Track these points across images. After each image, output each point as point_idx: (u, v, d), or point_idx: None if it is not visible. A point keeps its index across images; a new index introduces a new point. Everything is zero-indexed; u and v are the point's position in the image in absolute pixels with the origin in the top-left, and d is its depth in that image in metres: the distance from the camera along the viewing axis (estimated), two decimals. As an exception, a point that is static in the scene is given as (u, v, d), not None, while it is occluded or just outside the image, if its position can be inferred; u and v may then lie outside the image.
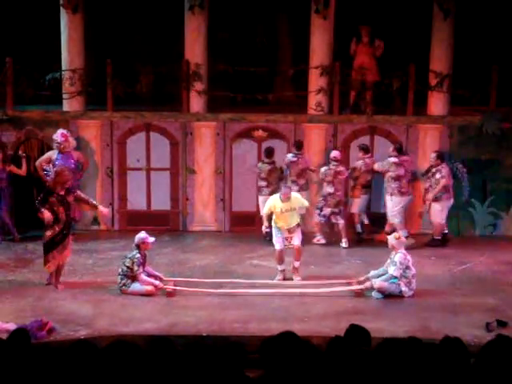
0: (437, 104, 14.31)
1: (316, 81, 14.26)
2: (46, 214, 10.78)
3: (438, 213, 13.38)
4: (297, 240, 11.43)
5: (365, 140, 14.24)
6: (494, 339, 5.08)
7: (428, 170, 13.50)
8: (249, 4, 15.63)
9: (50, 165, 13.20)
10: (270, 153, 13.67)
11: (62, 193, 10.95)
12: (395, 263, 10.73)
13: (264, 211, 11.71)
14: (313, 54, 14.32)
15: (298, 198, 11.64)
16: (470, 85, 14.09)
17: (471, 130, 14.22)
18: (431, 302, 10.60)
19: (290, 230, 11.41)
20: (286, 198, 11.29)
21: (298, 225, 11.55)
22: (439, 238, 13.48)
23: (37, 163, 13.43)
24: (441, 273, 12.07)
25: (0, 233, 13.51)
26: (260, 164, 13.73)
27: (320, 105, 14.31)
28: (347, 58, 14.38)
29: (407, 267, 10.74)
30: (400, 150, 13.47)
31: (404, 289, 10.72)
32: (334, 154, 13.58)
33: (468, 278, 11.83)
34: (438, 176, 13.26)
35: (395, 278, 10.70)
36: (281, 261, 11.48)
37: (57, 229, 10.86)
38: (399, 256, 10.74)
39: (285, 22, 16.19)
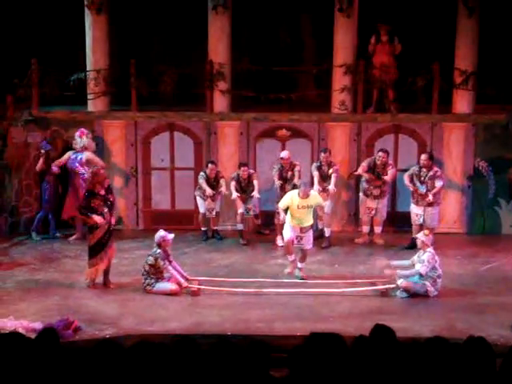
0: (462, 102, 14.21)
1: (340, 79, 14.22)
2: (96, 218, 10.76)
3: (435, 216, 13.20)
4: (308, 244, 11.51)
5: (389, 138, 14.22)
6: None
7: (418, 174, 13.02)
8: (272, 3, 15.62)
9: (85, 167, 13.29)
10: None
11: (103, 193, 10.95)
12: (423, 261, 10.68)
13: (281, 205, 11.70)
14: (336, 52, 14.28)
15: (316, 197, 11.68)
16: (495, 83, 14.01)
17: (497, 128, 14.11)
18: (457, 301, 10.55)
19: (302, 229, 11.41)
20: (305, 195, 11.31)
21: (311, 226, 11.58)
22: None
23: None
24: (466, 272, 12.00)
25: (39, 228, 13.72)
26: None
27: (344, 103, 14.27)
28: (368, 57, 14.33)
29: (434, 267, 10.69)
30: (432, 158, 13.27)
31: (429, 288, 10.67)
32: (283, 154, 13.51)
33: (494, 277, 11.74)
34: (436, 183, 12.89)
35: (421, 275, 10.66)
36: (290, 251, 11.52)
37: (103, 230, 10.90)
38: (427, 255, 10.69)
39: (308, 21, 16.16)
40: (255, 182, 13.56)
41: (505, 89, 14.16)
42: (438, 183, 12.95)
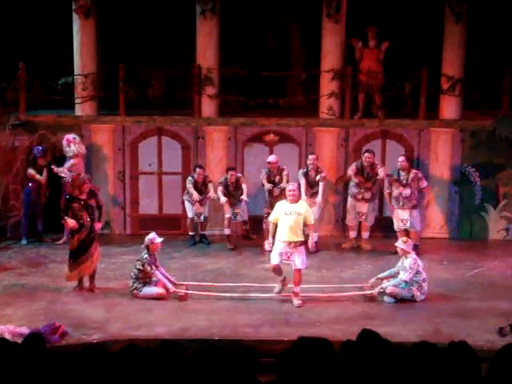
0: (449, 108, 14.26)
1: (327, 85, 14.25)
2: (69, 221, 10.84)
3: (418, 219, 13.19)
4: (299, 261, 10.51)
5: (376, 144, 14.26)
6: (508, 344, 5.05)
7: (398, 179, 12.98)
8: (260, 8, 15.64)
9: (66, 170, 13.26)
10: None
11: (84, 197, 10.99)
12: (405, 268, 10.70)
13: (271, 218, 10.99)
14: (324, 57, 14.31)
15: (306, 206, 11.04)
16: (482, 89, 14.06)
17: (484, 133, 14.17)
18: (443, 306, 10.58)
19: (291, 244, 10.50)
20: (294, 200, 10.70)
21: (302, 243, 10.64)
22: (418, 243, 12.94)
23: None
24: (453, 277, 12.03)
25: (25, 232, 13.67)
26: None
27: (331, 109, 14.30)
28: (355, 61, 14.37)
29: (418, 272, 10.72)
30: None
31: (416, 293, 10.69)
32: (270, 158, 13.55)
33: (480, 282, 11.79)
34: (421, 184, 12.97)
35: (406, 283, 10.68)
36: (279, 274, 10.80)
37: (83, 235, 10.91)
38: (409, 261, 10.71)
39: (296, 26, 16.18)
40: (243, 186, 13.56)
41: (492, 95, 14.21)
42: (423, 184, 13.04)
